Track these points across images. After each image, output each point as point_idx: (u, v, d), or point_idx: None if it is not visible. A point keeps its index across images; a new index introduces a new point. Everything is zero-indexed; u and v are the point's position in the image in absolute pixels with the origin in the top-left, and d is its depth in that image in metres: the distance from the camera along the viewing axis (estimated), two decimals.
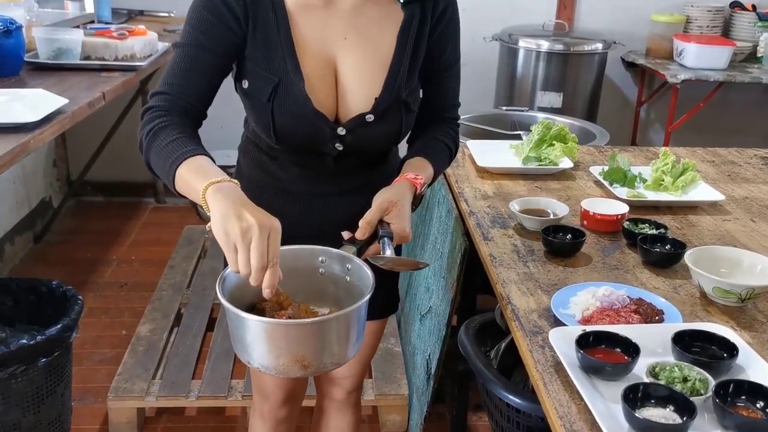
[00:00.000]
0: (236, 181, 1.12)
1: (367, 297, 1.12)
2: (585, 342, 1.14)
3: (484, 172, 2.05)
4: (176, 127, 1.23)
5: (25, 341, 1.99)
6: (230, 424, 2.38)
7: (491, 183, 1.98)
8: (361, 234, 1.26)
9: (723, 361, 1.12)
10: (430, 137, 1.46)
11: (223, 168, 1.16)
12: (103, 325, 2.90)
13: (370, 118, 1.33)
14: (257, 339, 1.06)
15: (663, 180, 1.89)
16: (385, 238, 1.25)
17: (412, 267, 1.42)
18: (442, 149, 1.45)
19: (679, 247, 1.51)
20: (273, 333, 1.06)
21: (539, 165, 2.04)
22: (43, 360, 2.05)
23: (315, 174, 1.42)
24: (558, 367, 1.15)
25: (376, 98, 1.33)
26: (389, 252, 1.23)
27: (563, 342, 1.16)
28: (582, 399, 1.06)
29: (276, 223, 1.07)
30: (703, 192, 1.88)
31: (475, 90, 3.83)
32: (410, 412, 2.32)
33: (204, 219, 3.78)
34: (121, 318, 2.96)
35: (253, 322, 1.06)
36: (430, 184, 1.42)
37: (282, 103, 1.30)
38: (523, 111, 3.15)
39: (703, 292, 1.38)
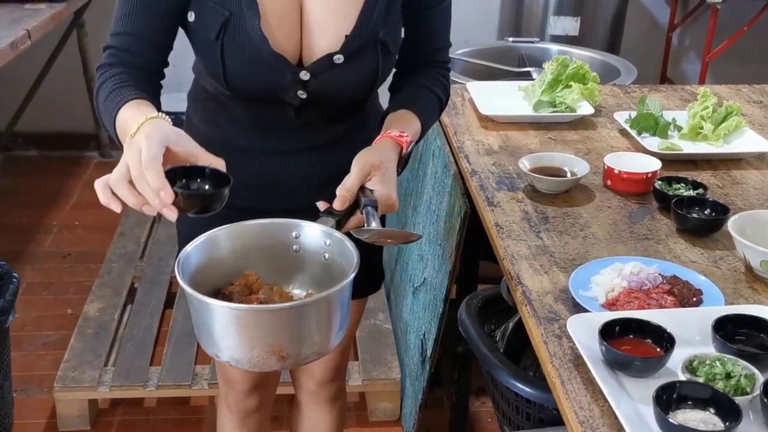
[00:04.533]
0: (164, 115, 1.14)
1: (351, 276, 1.11)
2: (610, 331, 1.13)
3: (488, 121, 2.02)
4: (120, 77, 1.23)
5: None
6: (196, 415, 2.40)
7: (496, 134, 1.96)
8: (339, 204, 1.23)
9: None
10: (417, 85, 1.44)
11: (172, 114, 1.14)
12: (45, 304, 2.90)
13: (338, 59, 1.30)
14: (226, 328, 1.06)
15: (701, 127, 1.87)
16: (369, 208, 1.22)
17: (402, 240, 1.42)
18: (431, 100, 1.43)
19: (721, 211, 1.50)
20: (245, 321, 1.06)
21: (553, 111, 2.01)
22: None
23: (275, 127, 1.40)
24: (578, 362, 1.14)
25: (346, 36, 1.30)
26: (375, 223, 1.20)
27: (584, 331, 1.15)
28: (606, 400, 1.05)
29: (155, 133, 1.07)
30: (749, 141, 1.85)
31: (474, 17, 3.76)
32: (403, 398, 2.34)
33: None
34: (66, 295, 2.95)
35: (221, 309, 1.06)
36: (417, 142, 1.40)
37: (233, 43, 1.28)
38: (532, 42, 3.11)
39: (749, 266, 1.37)
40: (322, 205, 1.25)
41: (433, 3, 1.39)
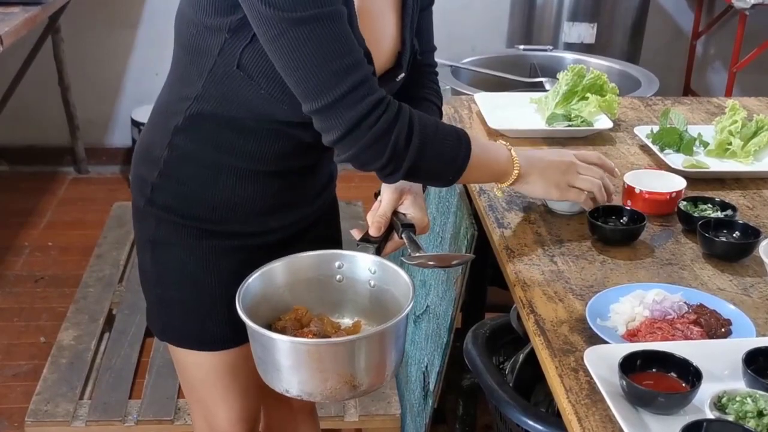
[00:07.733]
0: (505, 143, 1.43)
1: (412, 303, 1.23)
2: (631, 365, 1.13)
3: (498, 136, 2.02)
4: (412, 111, 1.29)
5: None
6: None
7: None
8: (376, 231, 1.36)
9: None
10: (419, 98, 1.47)
11: None
12: (16, 331, 2.91)
13: (401, 77, 1.38)
14: (299, 363, 1.18)
15: (730, 143, 1.87)
16: (409, 232, 1.35)
17: (446, 263, 1.49)
18: (434, 113, 1.48)
19: (751, 234, 1.50)
20: (319, 355, 1.18)
21: (569, 125, 2.02)
22: None
23: (296, 147, 1.39)
24: (596, 397, 1.13)
25: (399, 52, 1.36)
26: (420, 247, 1.32)
27: (603, 364, 1.15)
28: None
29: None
30: None
31: (482, 23, 3.78)
32: None
33: None
34: (38, 321, 2.96)
35: (292, 345, 1.18)
36: None
37: None
38: (545, 50, 3.13)
39: None
40: (356, 233, 1.38)
41: (425, 4, 1.45)
